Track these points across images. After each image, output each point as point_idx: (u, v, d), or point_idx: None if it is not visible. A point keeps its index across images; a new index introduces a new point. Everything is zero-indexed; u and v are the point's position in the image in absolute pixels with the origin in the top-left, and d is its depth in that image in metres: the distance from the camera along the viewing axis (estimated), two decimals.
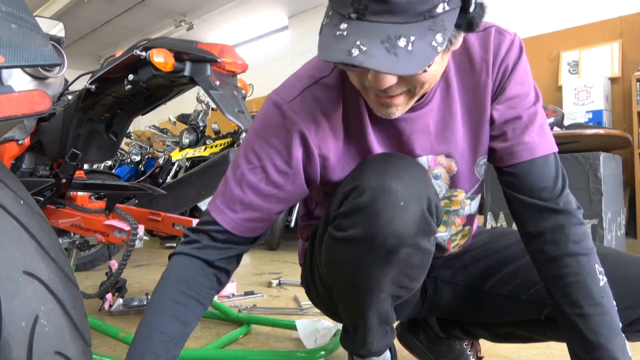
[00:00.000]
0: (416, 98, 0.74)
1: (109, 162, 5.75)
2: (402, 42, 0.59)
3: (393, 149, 0.85)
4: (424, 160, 0.86)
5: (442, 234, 0.94)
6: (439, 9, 0.60)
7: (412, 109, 0.80)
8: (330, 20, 0.63)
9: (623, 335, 0.78)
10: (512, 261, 0.97)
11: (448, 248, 0.98)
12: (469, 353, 1.19)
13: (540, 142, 0.83)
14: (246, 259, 3.52)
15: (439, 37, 0.61)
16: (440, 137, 0.85)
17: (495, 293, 0.98)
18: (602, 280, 0.79)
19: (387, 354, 1.03)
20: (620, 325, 0.78)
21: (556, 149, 0.85)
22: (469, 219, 0.97)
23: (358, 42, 0.59)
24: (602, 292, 0.78)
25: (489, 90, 0.84)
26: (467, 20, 0.64)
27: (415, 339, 1.22)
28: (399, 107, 0.73)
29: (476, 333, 1.12)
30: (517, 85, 0.84)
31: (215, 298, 2.09)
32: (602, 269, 0.80)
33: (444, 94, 0.84)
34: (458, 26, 0.64)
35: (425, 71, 0.66)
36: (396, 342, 1.08)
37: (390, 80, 0.66)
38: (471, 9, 0.63)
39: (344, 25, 0.61)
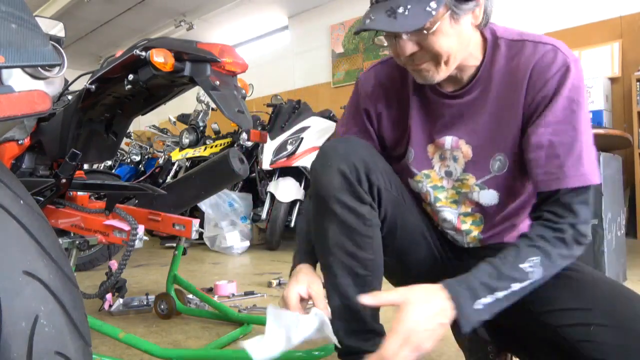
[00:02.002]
0: (444, 67, 0.87)
1: (109, 162, 5.76)
2: (400, 10, 0.79)
3: (426, 124, 1.01)
4: (448, 139, 0.98)
5: (451, 209, 1.03)
6: None
7: (452, 97, 0.96)
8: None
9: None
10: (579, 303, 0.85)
11: (458, 227, 1.03)
12: None
13: (574, 174, 0.84)
14: (246, 258, 3.52)
15: (432, 4, 0.78)
16: (468, 124, 0.96)
17: (545, 323, 0.86)
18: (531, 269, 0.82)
19: None
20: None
21: (593, 181, 0.84)
22: (480, 207, 1.00)
23: (371, 15, 0.82)
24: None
25: (522, 98, 0.89)
26: None
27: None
28: (430, 72, 0.88)
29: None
30: (557, 111, 0.85)
31: (215, 298, 2.10)
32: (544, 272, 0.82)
33: (482, 89, 0.94)
34: None
35: (427, 31, 0.81)
36: None
37: (408, 47, 0.84)
38: None
39: (368, 9, 0.85)
